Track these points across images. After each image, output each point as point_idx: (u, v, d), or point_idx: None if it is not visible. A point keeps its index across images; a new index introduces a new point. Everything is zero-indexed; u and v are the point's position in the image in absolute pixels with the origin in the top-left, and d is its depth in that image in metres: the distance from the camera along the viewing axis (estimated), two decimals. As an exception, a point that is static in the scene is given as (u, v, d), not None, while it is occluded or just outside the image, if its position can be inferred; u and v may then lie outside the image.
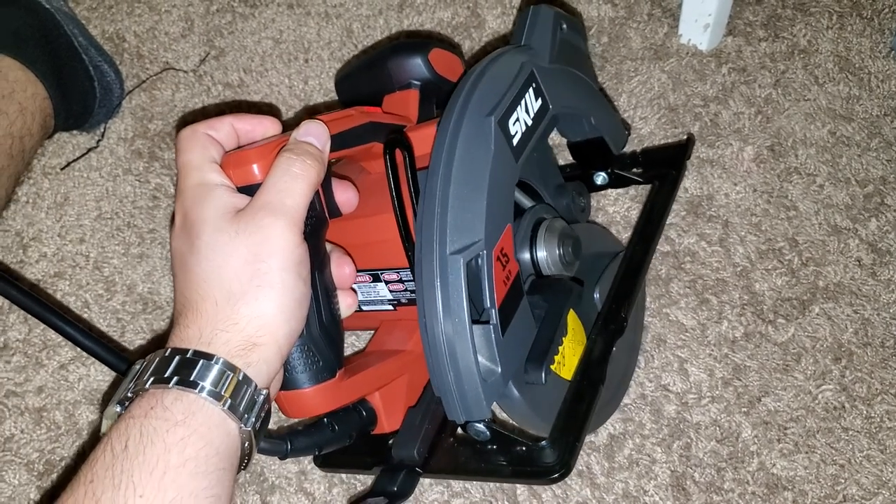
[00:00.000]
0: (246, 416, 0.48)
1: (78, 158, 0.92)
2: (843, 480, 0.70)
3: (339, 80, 0.74)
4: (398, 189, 0.58)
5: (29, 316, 0.59)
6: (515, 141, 0.59)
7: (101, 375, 0.79)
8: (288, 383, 0.55)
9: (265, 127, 0.57)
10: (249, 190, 0.52)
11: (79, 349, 0.73)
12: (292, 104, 0.94)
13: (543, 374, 0.58)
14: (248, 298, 0.49)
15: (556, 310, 0.61)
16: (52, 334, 0.80)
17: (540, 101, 0.62)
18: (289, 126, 0.57)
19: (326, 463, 0.69)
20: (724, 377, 0.75)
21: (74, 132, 0.93)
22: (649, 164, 0.79)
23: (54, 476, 0.74)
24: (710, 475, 0.71)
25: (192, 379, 0.46)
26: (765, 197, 0.83)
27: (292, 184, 0.51)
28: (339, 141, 0.57)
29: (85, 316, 0.82)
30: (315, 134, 0.55)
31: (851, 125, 0.87)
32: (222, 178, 0.52)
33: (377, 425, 0.63)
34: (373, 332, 0.71)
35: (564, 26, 0.68)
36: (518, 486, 0.72)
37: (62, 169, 0.91)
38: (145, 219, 0.88)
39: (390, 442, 0.63)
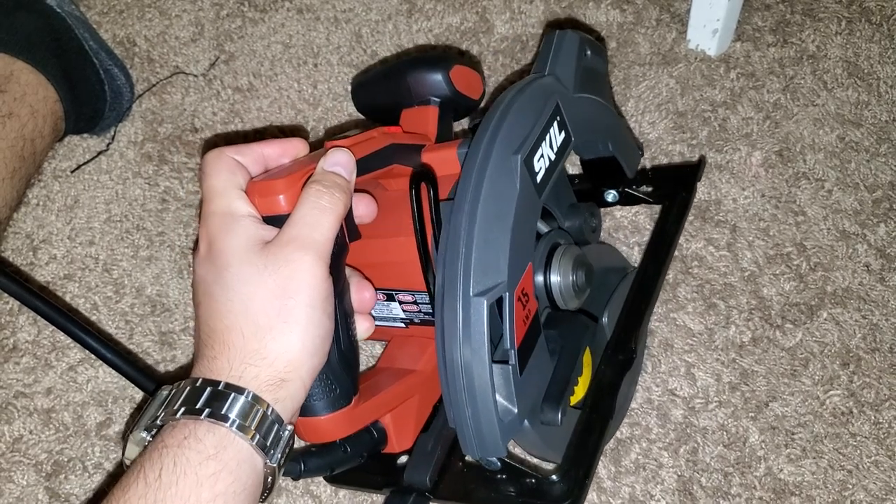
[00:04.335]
0: (272, 451, 0.48)
1: (88, 161, 0.92)
2: (850, 486, 0.70)
3: (355, 87, 0.74)
4: (423, 225, 0.58)
5: (38, 317, 0.60)
6: (539, 178, 0.58)
7: (109, 377, 0.80)
8: (305, 410, 0.55)
9: (295, 149, 0.57)
10: (275, 220, 0.52)
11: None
12: (301, 108, 0.95)
13: (560, 416, 0.58)
14: (275, 333, 0.49)
15: (572, 350, 0.61)
16: (60, 336, 0.81)
17: (563, 133, 0.61)
18: (316, 146, 0.57)
19: (336, 478, 0.69)
20: (731, 382, 0.75)
21: (85, 135, 0.94)
22: (660, 184, 0.79)
23: (62, 477, 0.75)
24: (717, 480, 0.71)
25: (223, 412, 0.47)
26: (773, 202, 0.83)
27: (321, 217, 0.51)
28: (361, 166, 0.57)
29: (94, 318, 0.83)
30: (342, 163, 0.55)
31: (860, 131, 0.87)
32: (248, 208, 0.52)
33: (387, 444, 0.63)
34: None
35: (588, 52, 0.67)
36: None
37: (72, 172, 0.92)
38: (154, 222, 0.88)
39: (399, 461, 0.63)
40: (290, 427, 0.50)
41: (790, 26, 0.94)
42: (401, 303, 0.63)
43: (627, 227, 0.83)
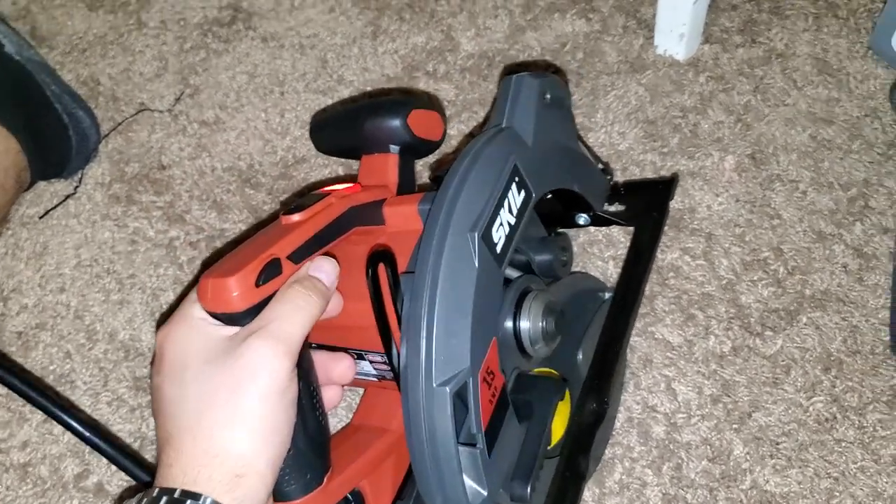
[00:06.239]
0: None
1: (56, 206, 0.91)
2: (837, 493, 0.69)
3: (313, 129, 0.72)
4: (382, 306, 0.56)
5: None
6: (499, 248, 0.55)
7: (86, 425, 0.79)
8: (279, 495, 0.53)
9: None
10: (227, 317, 0.51)
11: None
12: (269, 138, 0.94)
13: (529, 492, 0.57)
14: (222, 427, 0.48)
15: (540, 420, 0.60)
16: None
17: (523, 193, 0.58)
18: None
19: None
20: (712, 394, 0.74)
21: (52, 180, 0.93)
22: (631, 203, 0.77)
23: (43, 530, 0.74)
24: (703, 496, 0.70)
25: None
26: (748, 207, 0.82)
27: (294, 314, 0.51)
28: (321, 239, 0.56)
29: (67, 367, 0.82)
30: (326, 271, 0.55)
31: (832, 128, 0.85)
32: (201, 312, 0.51)
33: None
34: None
35: (548, 95, 0.64)
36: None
37: (40, 218, 0.91)
38: (124, 264, 0.87)
39: None
40: None
41: (758, 25, 0.93)
42: (371, 362, 0.62)
43: (602, 241, 0.82)
